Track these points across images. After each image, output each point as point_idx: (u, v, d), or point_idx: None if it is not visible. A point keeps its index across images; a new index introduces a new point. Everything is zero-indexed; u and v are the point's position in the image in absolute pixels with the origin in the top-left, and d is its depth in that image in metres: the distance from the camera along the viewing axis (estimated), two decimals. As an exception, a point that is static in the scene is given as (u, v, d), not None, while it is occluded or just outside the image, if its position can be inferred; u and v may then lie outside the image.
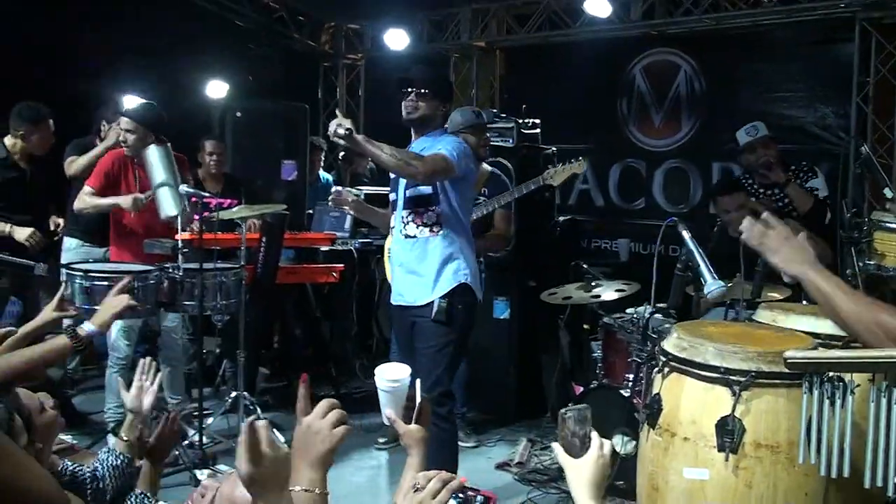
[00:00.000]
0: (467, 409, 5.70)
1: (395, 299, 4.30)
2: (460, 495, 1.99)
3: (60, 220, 5.00)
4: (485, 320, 4.60)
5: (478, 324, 4.39)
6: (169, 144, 4.99)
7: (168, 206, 4.89)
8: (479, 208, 5.29)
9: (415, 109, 4.08)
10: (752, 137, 5.23)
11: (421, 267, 4.12)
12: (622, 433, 4.29)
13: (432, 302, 4.08)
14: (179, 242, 4.96)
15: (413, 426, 2.27)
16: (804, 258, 2.29)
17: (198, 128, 6.83)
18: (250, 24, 8.10)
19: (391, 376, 2.27)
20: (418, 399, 2.29)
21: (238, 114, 7.12)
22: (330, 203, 4.63)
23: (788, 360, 2.00)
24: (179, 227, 5.00)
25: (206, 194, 5.23)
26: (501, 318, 5.95)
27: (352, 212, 4.69)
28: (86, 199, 5.15)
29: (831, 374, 2.06)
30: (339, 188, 4.67)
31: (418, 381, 2.31)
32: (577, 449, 2.13)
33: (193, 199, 5.11)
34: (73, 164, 5.50)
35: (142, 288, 4.72)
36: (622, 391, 4.61)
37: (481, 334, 4.47)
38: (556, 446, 2.17)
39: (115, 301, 3.23)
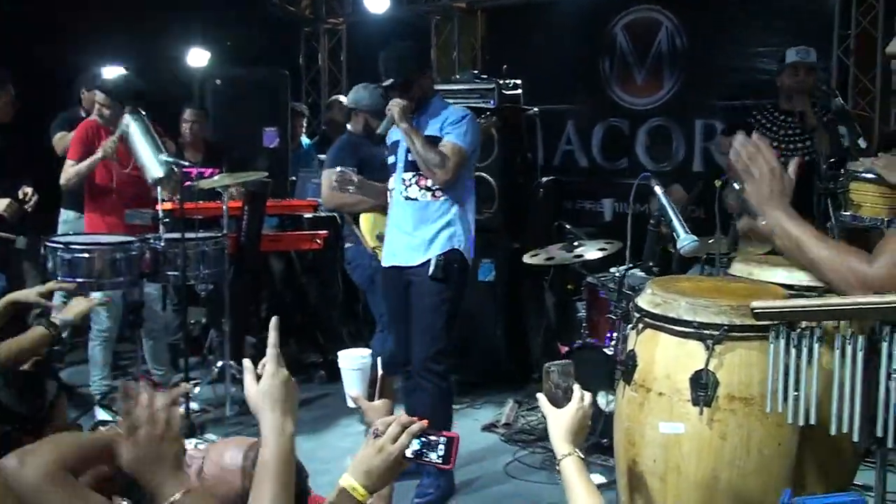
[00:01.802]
0: (454, 371, 5.71)
1: (389, 260, 4.38)
2: (423, 438, 2.01)
3: (29, 190, 4.95)
4: (470, 283, 4.62)
5: (464, 286, 4.45)
6: (144, 114, 4.96)
7: (154, 168, 4.87)
8: None
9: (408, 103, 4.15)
10: (800, 58, 5.11)
11: (419, 229, 4.23)
12: (606, 391, 4.32)
13: (428, 261, 4.18)
14: (160, 212, 4.95)
15: (377, 402, 2.35)
16: (781, 201, 2.29)
17: (179, 97, 6.78)
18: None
19: (353, 359, 2.33)
20: (379, 374, 2.36)
21: (218, 81, 7.08)
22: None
23: (755, 311, 2.00)
24: (164, 195, 4.99)
25: (186, 163, 5.22)
26: (486, 280, 5.96)
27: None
28: (69, 170, 5.17)
29: (801, 323, 2.06)
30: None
31: (379, 360, 2.37)
32: (560, 400, 2.24)
33: (175, 167, 5.11)
34: (67, 163, 5.34)
35: (123, 258, 4.74)
36: (606, 349, 4.65)
37: (467, 297, 4.50)
38: (541, 396, 2.26)
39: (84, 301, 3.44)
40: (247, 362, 1.92)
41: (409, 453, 1.98)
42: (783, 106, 5.15)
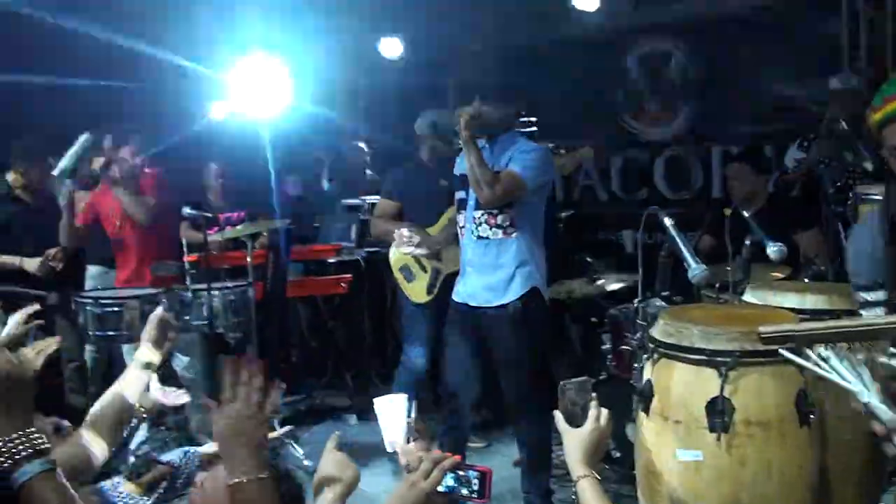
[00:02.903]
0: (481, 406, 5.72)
1: (463, 298, 4.31)
2: (455, 473, 2.04)
3: (54, 249, 5.09)
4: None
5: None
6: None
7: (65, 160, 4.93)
8: None
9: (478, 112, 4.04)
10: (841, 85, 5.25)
11: (494, 269, 4.15)
12: (633, 422, 4.33)
13: (507, 303, 4.12)
14: (186, 263, 5.05)
15: (411, 444, 2.31)
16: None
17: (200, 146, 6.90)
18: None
19: (388, 406, 2.35)
20: (413, 418, 2.36)
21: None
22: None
23: (762, 335, 2.03)
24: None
25: (209, 214, 5.32)
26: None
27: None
28: None
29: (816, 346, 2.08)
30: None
31: (414, 403, 2.39)
32: (578, 418, 2.21)
33: (198, 219, 5.21)
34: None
35: (152, 310, 4.82)
36: (631, 381, 4.65)
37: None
38: (557, 414, 2.23)
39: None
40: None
41: (442, 488, 2.00)
42: None
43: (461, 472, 2.04)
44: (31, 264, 5.16)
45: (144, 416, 2.93)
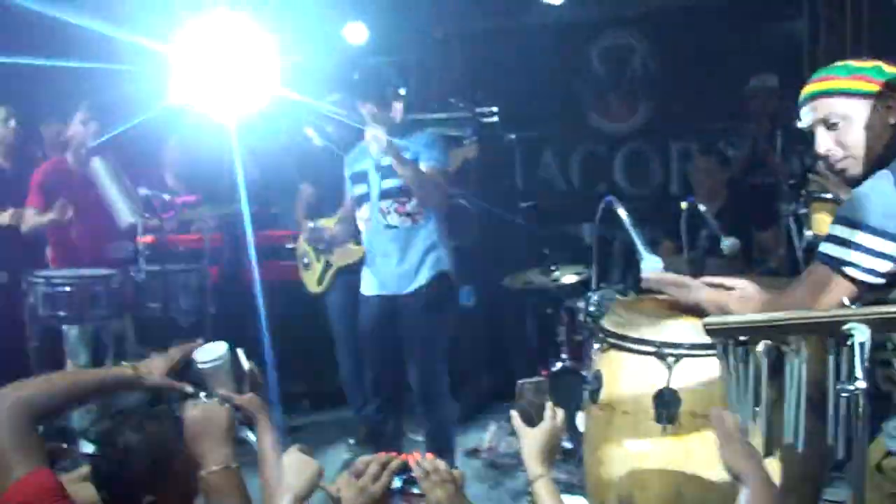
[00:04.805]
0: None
1: (374, 290, 4.42)
2: (404, 475, 2.04)
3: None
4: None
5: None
6: (110, 155, 4.97)
7: (125, 214, 4.89)
8: None
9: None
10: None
11: (406, 256, 4.28)
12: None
13: (420, 287, 4.27)
14: (140, 245, 4.98)
15: (247, 395, 2.31)
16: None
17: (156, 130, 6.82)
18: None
19: (209, 356, 2.30)
20: (246, 367, 2.33)
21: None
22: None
23: (706, 326, 2.05)
24: (140, 232, 5.01)
25: (167, 196, 5.26)
26: (467, 304, 6.00)
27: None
28: (29, 220, 5.11)
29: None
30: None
31: (240, 351, 2.35)
32: (534, 418, 2.23)
33: (155, 200, 5.16)
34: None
35: (104, 291, 4.77)
36: (583, 372, 4.70)
37: (447, 322, 4.56)
38: (514, 414, 2.26)
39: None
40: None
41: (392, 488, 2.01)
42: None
43: (411, 471, 2.03)
44: (3, 218, 5.04)
45: None
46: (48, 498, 1.94)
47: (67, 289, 4.69)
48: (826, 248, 2.21)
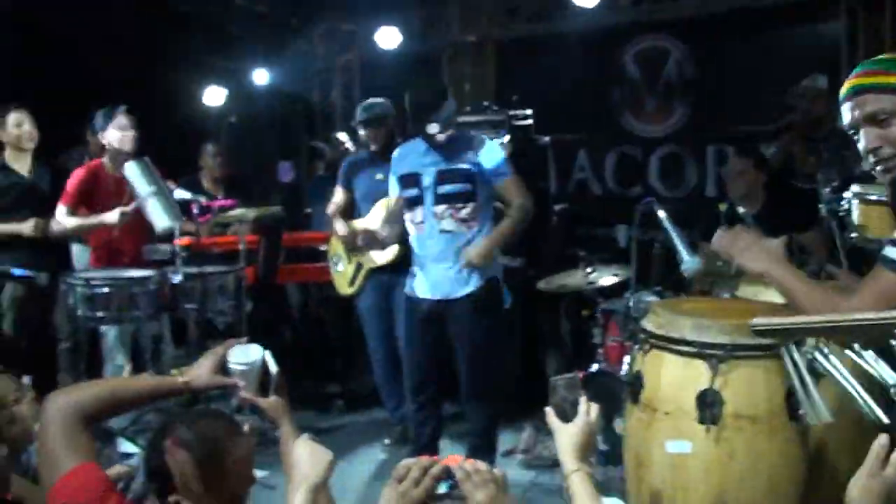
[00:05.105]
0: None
1: (423, 293, 4.41)
2: (449, 480, 2.03)
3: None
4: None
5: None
6: (147, 158, 4.99)
7: (161, 218, 4.90)
8: None
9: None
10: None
11: (457, 261, 4.27)
12: (621, 415, 4.34)
13: (472, 292, 4.28)
14: (178, 247, 5.01)
15: (272, 398, 2.36)
16: (769, 257, 2.35)
17: (194, 135, 6.89)
18: (242, 31, 8.15)
19: (243, 359, 2.32)
20: (273, 371, 2.35)
21: (232, 119, 7.20)
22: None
23: (754, 327, 2.03)
24: (177, 234, 5.04)
25: (202, 198, 5.30)
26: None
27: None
28: (62, 221, 5.04)
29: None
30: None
31: (268, 354, 2.36)
32: (568, 414, 2.23)
33: (192, 203, 5.19)
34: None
35: (142, 293, 4.81)
36: (620, 375, 4.67)
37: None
38: (548, 410, 2.26)
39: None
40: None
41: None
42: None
43: (453, 474, 2.03)
44: (27, 227, 5.06)
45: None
46: (96, 489, 2.01)
47: (106, 290, 4.71)
48: (891, 252, 2.17)
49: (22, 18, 6.32)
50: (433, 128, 4.19)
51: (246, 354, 2.35)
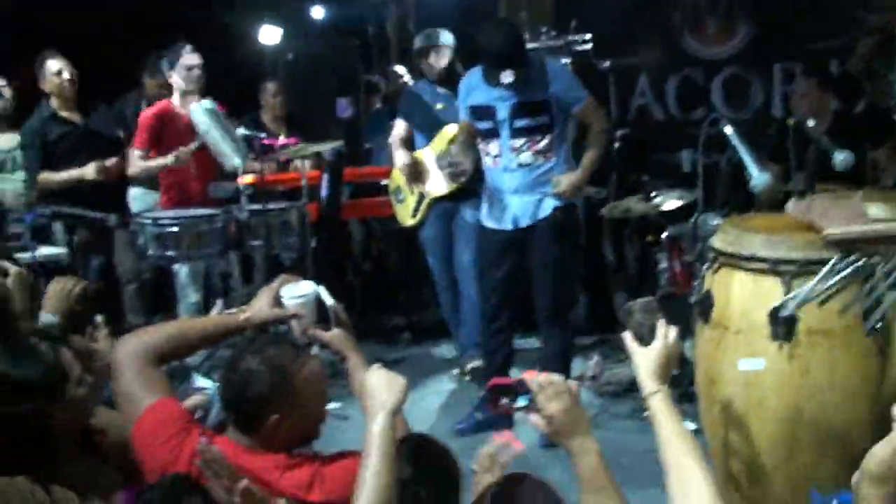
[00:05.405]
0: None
1: (502, 224, 4.42)
2: (527, 394, 2.06)
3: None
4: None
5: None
6: (209, 99, 5.01)
7: (229, 157, 4.95)
8: None
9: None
10: None
11: (534, 191, 4.32)
12: (690, 338, 4.32)
13: (547, 217, 4.31)
14: (242, 185, 5.06)
15: (335, 331, 2.37)
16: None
17: (251, 74, 6.92)
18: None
19: (296, 293, 2.34)
20: (329, 304, 2.36)
21: (290, 56, 7.21)
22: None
23: (828, 237, 2.00)
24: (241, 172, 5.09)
25: (263, 135, 5.33)
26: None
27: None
28: (136, 163, 5.22)
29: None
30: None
31: (322, 289, 2.37)
32: (646, 338, 2.20)
33: (254, 141, 5.23)
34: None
35: (209, 230, 4.88)
36: (687, 298, 4.63)
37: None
38: (626, 335, 2.24)
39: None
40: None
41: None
42: None
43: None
44: (90, 171, 5.12)
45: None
46: (177, 421, 2.08)
47: (175, 229, 4.79)
48: None
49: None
50: (507, 76, 4.10)
51: (299, 289, 2.39)
